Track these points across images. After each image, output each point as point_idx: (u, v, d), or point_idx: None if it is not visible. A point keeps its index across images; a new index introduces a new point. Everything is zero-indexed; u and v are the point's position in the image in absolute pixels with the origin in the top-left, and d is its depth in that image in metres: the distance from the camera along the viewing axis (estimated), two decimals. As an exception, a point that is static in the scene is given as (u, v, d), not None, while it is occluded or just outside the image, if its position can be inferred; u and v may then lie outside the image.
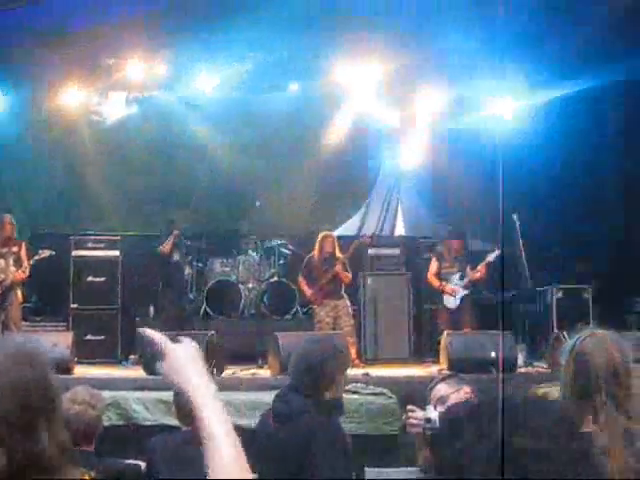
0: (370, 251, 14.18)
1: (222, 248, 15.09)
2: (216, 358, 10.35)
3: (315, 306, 12.68)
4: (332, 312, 12.37)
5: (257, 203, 14.34)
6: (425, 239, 14.98)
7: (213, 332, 11.01)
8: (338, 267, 12.28)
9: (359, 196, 17.18)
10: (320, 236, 12.63)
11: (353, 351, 11.84)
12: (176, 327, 12.15)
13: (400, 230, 16.93)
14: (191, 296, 14.71)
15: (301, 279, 12.72)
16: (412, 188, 16.90)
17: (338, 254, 12.52)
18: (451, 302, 12.51)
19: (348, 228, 16.51)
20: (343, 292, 12.59)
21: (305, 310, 14.19)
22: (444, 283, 12.62)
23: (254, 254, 14.92)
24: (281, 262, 14.95)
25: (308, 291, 12.58)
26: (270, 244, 14.93)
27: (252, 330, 13.10)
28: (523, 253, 12.47)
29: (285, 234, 15.26)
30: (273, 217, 15.38)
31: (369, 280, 13.78)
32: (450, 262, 12.68)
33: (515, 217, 12.30)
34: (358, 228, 16.70)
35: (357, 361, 12.20)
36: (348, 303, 12.54)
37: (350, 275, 12.49)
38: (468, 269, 12.56)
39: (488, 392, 2.25)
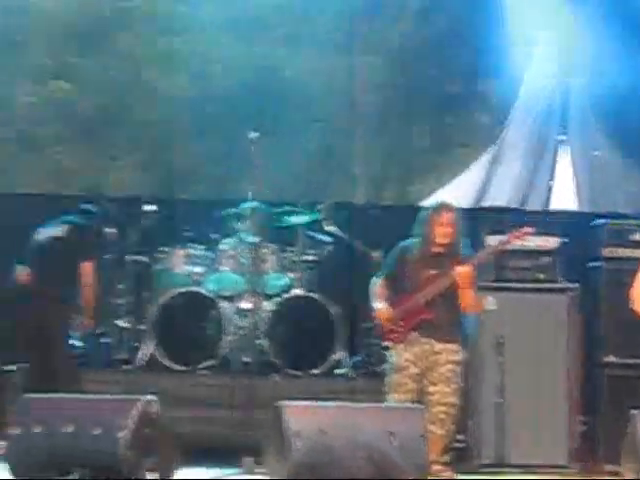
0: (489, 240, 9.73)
1: (188, 227, 10.74)
2: (162, 452, 7.21)
3: (391, 344, 8.94)
4: (421, 362, 8.72)
5: (252, 135, 9.96)
6: (624, 220, 10.32)
7: (154, 399, 7.49)
8: (460, 272, 8.60)
9: (476, 132, 12.13)
10: (433, 209, 8.91)
11: (437, 448, 8.35)
12: (77, 388, 8.95)
13: (566, 201, 12.12)
14: (122, 323, 10.54)
15: (379, 289, 8.90)
16: (597, 115, 11.85)
17: (459, 249, 9.00)
18: None
19: (452, 196, 11.29)
20: (454, 326, 8.79)
21: (363, 357, 10.33)
22: None
23: (252, 240, 10.43)
24: (310, 258, 10.63)
25: (385, 313, 8.77)
26: (286, 221, 10.66)
27: (242, 398, 9.51)
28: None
29: (319, 202, 10.81)
30: (285, 168, 11.18)
31: (490, 302, 9.65)
32: None
33: None
34: (475, 197, 12.02)
35: (448, 472, 8.65)
36: (456, 349, 8.70)
37: (475, 297, 8.83)
38: None
39: None
